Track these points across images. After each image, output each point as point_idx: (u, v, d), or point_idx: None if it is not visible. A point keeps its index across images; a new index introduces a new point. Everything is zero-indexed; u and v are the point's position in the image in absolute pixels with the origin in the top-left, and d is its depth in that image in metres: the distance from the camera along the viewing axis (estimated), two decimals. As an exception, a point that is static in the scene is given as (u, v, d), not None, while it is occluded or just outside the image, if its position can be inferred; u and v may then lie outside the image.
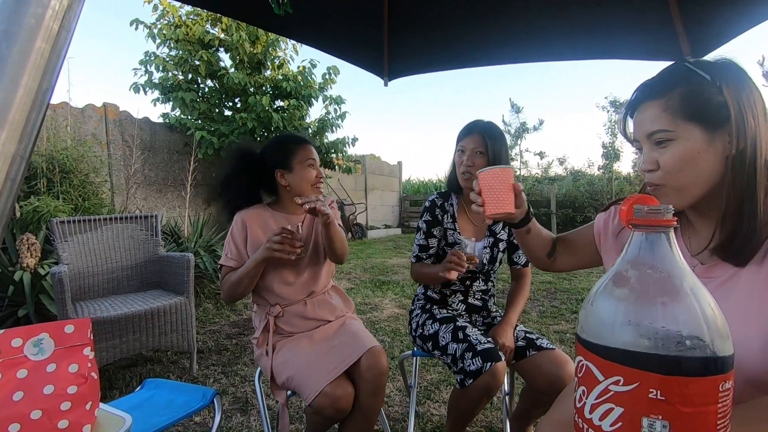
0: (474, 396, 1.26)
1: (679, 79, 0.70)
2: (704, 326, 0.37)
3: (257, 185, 1.49)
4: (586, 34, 1.86)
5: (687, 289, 0.39)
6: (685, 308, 0.38)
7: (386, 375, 1.28)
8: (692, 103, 0.67)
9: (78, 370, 0.80)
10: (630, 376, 0.38)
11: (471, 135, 1.48)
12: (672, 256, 0.40)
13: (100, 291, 2.51)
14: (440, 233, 1.56)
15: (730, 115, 0.65)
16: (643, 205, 0.42)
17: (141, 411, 1.24)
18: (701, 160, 0.68)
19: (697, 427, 0.36)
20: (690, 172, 0.68)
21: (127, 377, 2.31)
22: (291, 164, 1.41)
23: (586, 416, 0.42)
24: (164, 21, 5.30)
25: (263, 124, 5.44)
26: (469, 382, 1.25)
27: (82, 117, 4.43)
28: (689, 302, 0.38)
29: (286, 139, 1.49)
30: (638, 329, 0.38)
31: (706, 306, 0.38)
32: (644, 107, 0.72)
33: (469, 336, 1.34)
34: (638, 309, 0.39)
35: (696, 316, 0.37)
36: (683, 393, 0.36)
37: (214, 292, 3.89)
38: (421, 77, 49.75)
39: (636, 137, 0.74)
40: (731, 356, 0.38)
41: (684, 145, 0.67)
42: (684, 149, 0.68)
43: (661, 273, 0.40)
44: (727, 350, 0.38)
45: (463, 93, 48.51)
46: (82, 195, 3.51)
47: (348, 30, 1.97)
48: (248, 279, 1.34)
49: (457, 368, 1.30)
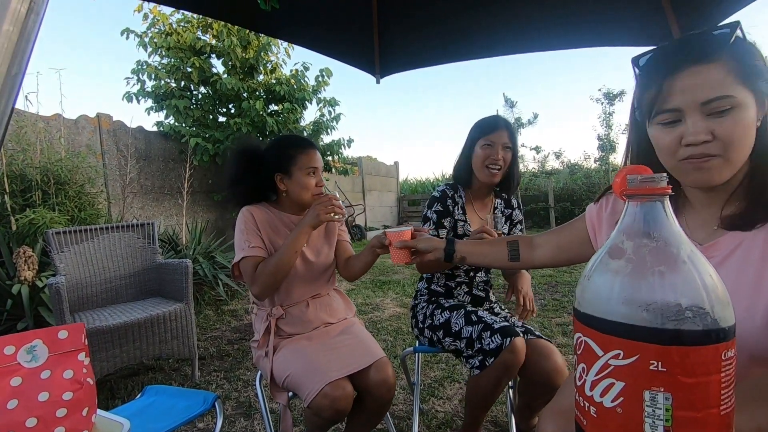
0: (494, 376, 1.25)
1: (729, 42, 0.63)
2: (704, 294, 0.36)
3: (261, 185, 1.45)
4: (575, 22, 1.86)
5: (684, 257, 0.37)
6: (684, 277, 0.37)
7: (394, 389, 1.27)
8: (747, 68, 0.62)
9: (73, 376, 0.79)
10: (630, 348, 0.37)
11: (499, 130, 1.47)
12: (668, 224, 0.39)
13: (99, 301, 2.49)
14: (450, 224, 1.54)
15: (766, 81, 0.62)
16: (636, 175, 0.41)
17: (141, 417, 1.22)
18: (753, 130, 0.64)
19: (701, 397, 0.35)
20: (747, 143, 0.64)
21: (129, 386, 2.29)
22: (290, 170, 1.37)
23: (587, 394, 0.41)
24: (155, 29, 5.29)
25: (258, 128, 5.43)
26: (490, 360, 1.24)
27: (76, 128, 4.41)
28: (687, 270, 0.37)
29: (288, 143, 1.43)
30: (636, 300, 0.37)
31: (705, 274, 0.37)
32: (700, 69, 0.63)
33: (483, 317, 1.35)
34: (635, 280, 0.38)
35: (695, 284, 0.36)
36: (685, 363, 0.35)
37: (214, 299, 3.87)
38: (413, 76, 49.49)
39: (677, 105, 0.65)
40: (733, 324, 0.37)
41: (746, 113, 0.62)
42: (746, 117, 0.62)
43: (658, 242, 0.39)
44: (728, 318, 0.36)
45: (456, 89, 48.60)
46: (78, 206, 3.49)
47: (337, 28, 1.97)
48: (294, 255, 1.30)
49: (474, 350, 1.30)
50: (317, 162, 1.40)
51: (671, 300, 0.36)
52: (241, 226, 1.35)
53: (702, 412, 0.35)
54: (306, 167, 1.36)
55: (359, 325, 1.48)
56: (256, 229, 1.35)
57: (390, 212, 12.12)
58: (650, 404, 0.36)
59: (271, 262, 1.29)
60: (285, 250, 1.28)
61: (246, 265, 1.31)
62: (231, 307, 3.84)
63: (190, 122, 5.42)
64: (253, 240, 1.33)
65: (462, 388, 2.15)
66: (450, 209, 1.53)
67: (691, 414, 0.35)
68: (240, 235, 1.35)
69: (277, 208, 1.44)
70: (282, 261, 1.27)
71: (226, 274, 3.80)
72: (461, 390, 2.13)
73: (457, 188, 1.58)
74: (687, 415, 0.35)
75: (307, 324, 1.40)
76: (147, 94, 5.26)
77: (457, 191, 1.57)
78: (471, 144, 1.51)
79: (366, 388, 1.23)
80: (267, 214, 1.41)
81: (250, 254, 1.31)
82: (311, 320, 1.41)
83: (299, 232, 1.28)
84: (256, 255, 1.31)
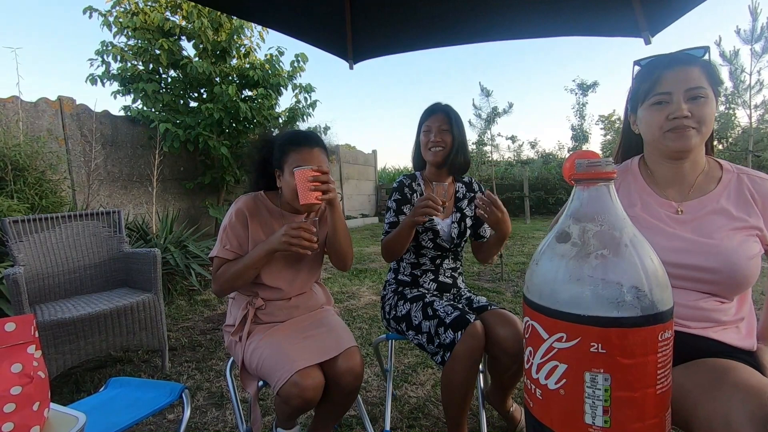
0: (461, 368, 1.24)
1: (703, 56, 0.95)
2: (643, 276, 0.37)
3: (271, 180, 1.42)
4: (547, 12, 1.86)
5: (627, 240, 0.38)
6: (625, 260, 0.38)
7: (362, 377, 1.28)
8: (713, 76, 0.92)
9: (22, 369, 0.76)
10: (572, 331, 0.38)
11: (435, 114, 1.56)
12: (613, 207, 0.40)
13: (62, 292, 2.40)
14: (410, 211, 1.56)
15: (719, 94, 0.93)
16: (584, 159, 0.41)
17: (102, 411, 1.19)
18: (713, 117, 0.94)
19: (638, 377, 0.36)
20: (711, 125, 0.93)
21: (96, 379, 2.23)
22: (283, 168, 1.31)
23: (533, 376, 0.41)
24: (120, 8, 5.04)
25: (231, 114, 5.28)
26: (447, 356, 1.25)
27: (36, 111, 4.19)
28: (629, 254, 0.38)
29: (288, 138, 1.35)
30: (579, 283, 0.38)
31: (645, 257, 0.38)
32: (686, 69, 0.92)
33: (437, 310, 1.35)
34: (579, 263, 0.39)
35: (635, 267, 0.37)
36: (623, 344, 0.36)
37: (186, 289, 3.79)
38: (391, 65, 49.18)
39: (668, 89, 0.92)
40: (671, 307, 0.38)
41: (712, 104, 0.92)
42: (712, 107, 0.92)
43: (602, 225, 0.39)
44: (666, 300, 0.37)
45: (434, 79, 48.61)
46: (38, 193, 3.33)
47: (309, 11, 1.92)
48: (253, 270, 1.27)
49: (435, 346, 1.31)
50: (313, 159, 1.28)
51: (612, 282, 0.37)
52: (226, 222, 1.33)
53: (639, 391, 0.36)
54: (297, 164, 1.25)
55: (334, 314, 1.48)
56: (240, 228, 1.32)
57: (368, 201, 12.10)
58: (590, 385, 0.37)
59: (231, 269, 1.28)
60: (245, 263, 1.26)
61: (215, 262, 1.32)
62: (204, 297, 3.77)
63: (159, 107, 5.23)
64: (230, 240, 1.31)
65: (434, 374, 2.18)
66: (408, 197, 1.59)
67: (628, 394, 0.36)
68: (222, 231, 1.33)
69: (273, 201, 1.41)
70: (243, 271, 1.27)
71: (198, 264, 3.72)
72: (434, 375, 2.17)
73: (415, 177, 1.65)
74: (625, 395, 0.36)
75: (285, 314, 1.39)
76: (113, 76, 5.03)
77: (414, 180, 1.64)
78: (419, 132, 1.62)
79: (334, 376, 1.23)
80: (263, 214, 1.37)
81: (220, 255, 1.31)
82: (290, 311, 1.40)
83: (263, 250, 1.24)
84: (225, 258, 1.31)
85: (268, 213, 1.38)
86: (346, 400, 1.29)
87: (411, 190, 1.60)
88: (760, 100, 7.89)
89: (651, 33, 1.75)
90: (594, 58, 36.26)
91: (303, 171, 1.19)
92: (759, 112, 8.27)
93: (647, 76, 0.97)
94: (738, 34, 6.76)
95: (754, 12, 6.52)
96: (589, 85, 11.75)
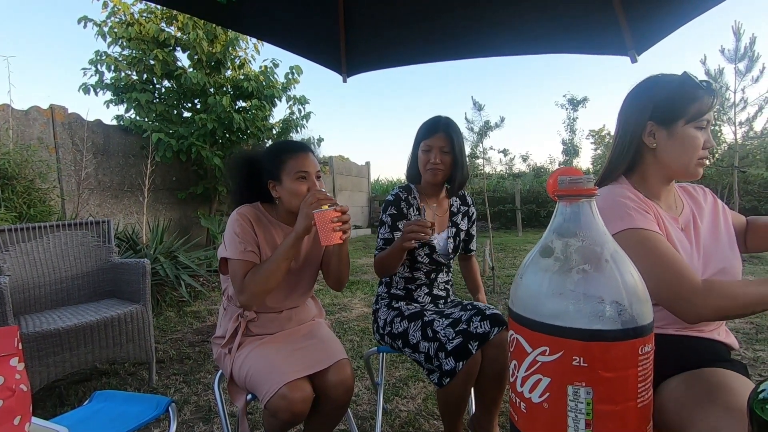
0: (458, 389, 1.28)
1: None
2: (623, 291, 0.38)
3: (262, 194, 1.39)
4: (537, 29, 1.91)
5: (607, 256, 0.39)
6: (605, 275, 0.39)
7: (352, 390, 1.27)
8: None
9: (4, 382, 0.74)
10: (555, 345, 0.38)
11: (437, 134, 1.49)
12: (594, 223, 0.41)
13: (48, 303, 2.35)
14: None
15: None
16: (566, 176, 0.42)
17: (86, 425, 1.16)
18: None
19: (619, 391, 0.37)
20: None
21: (80, 392, 2.18)
22: (280, 176, 1.30)
23: (518, 390, 0.42)
24: (115, 19, 5.06)
25: (224, 125, 5.29)
26: (446, 381, 1.26)
27: (26, 120, 4.16)
28: (609, 269, 0.39)
29: (278, 147, 1.36)
30: (561, 297, 0.39)
31: (625, 273, 0.39)
32: (711, 99, 0.89)
33: (437, 332, 1.32)
34: (561, 278, 0.40)
35: (615, 281, 0.38)
36: (604, 358, 0.36)
37: (176, 300, 3.74)
38: (384, 78, 49.32)
39: (709, 119, 0.91)
40: (650, 322, 0.39)
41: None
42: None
43: (584, 241, 0.40)
44: (646, 314, 0.38)
45: (428, 91, 49.23)
46: (26, 202, 3.29)
47: (303, 25, 1.95)
48: (285, 263, 1.21)
49: (433, 366, 1.30)
50: (308, 166, 1.30)
51: (593, 297, 0.37)
52: (237, 228, 1.27)
53: (620, 405, 0.37)
54: (295, 171, 1.28)
55: (325, 326, 1.47)
56: (253, 233, 1.29)
57: (361, 212, 12.10)
58: (573, 399, 0.37)
59: (260, 271, 1.20)
60: (276, 257, 1.20)
61: (237, 268, 1.23)
62: (194, 309, 3.73)
63: (152, 117, 5.22)
64: (249, 244, 1.26)
65: (426, 387, 2.17)
66: (404, 212, 1.54)
67: (610, 407, 0.37)
68: (234, 237, 1.26)
69: (270, 213, 1.38)
70: (271, 271, 1.19)
71: (189, 274, 3.68)
72: (425, 389, 2.15)
73: (410, 189, 1.58)
74: (606, 409, 0.37)
75: (277, 326, 1.38)
76: (106, 86, 5.02)
77: (410, 193, 1.57)
78: (416, 145, 1.55)
79: (324, 389, 1.22)
80: (259, 216, 1.35)
81: (245, 258, 1.23)
82: (281, 323, 1.39)
83: (292, 238, 1.21)
84: (250, 261, 1.24)
85: (268, 222, 1.37)
86: (336, 414, 1.28)
87: (408, 205, 1.55)
88: (745, 118, 8.12)
89: (637, 51, 1.80)
90: (584, 74, 36.99)
91: (324, 213, 1.13)
92: (743, 129, 8.50)
93: (707, 98, 0.89)
94: (722, 53, 6.98)
95: (737, 33, 6.74)
96: (579, 100, 11.99)
